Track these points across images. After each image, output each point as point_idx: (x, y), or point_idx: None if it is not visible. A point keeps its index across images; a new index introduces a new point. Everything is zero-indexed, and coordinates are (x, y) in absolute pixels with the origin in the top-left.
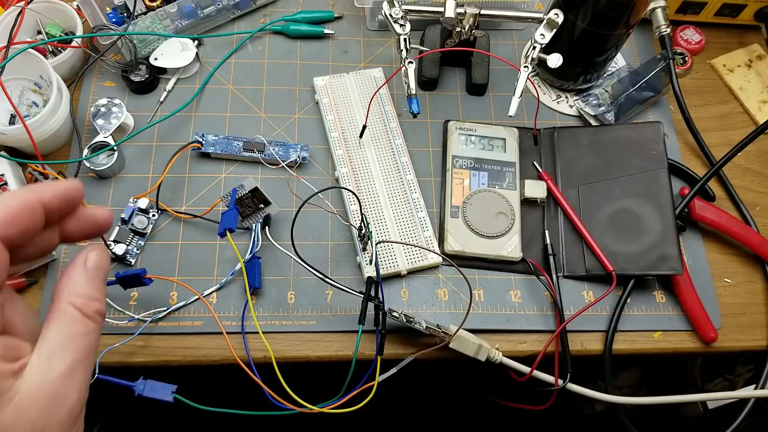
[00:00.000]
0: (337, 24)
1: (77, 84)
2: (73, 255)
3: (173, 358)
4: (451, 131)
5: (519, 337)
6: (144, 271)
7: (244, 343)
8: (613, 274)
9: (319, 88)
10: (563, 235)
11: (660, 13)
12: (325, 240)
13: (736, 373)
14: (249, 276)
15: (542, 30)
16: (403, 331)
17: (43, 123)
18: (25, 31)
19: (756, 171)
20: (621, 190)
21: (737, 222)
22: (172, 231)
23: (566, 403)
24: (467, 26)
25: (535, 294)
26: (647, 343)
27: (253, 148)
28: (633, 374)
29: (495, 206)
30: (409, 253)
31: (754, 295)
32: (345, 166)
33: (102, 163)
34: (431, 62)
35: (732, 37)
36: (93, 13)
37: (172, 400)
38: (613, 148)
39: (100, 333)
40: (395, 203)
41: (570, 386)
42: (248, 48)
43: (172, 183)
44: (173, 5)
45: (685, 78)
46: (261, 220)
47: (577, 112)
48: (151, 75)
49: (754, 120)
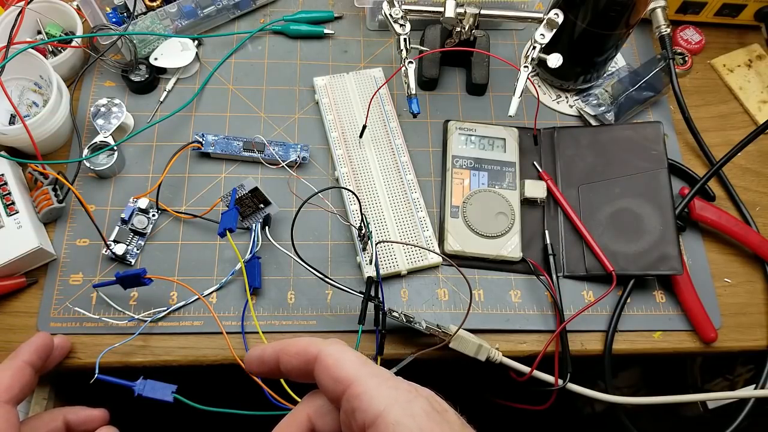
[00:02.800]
0: (337, 24)
1: (77, 84)
2: (73, 254)
3: (173, 358)
4: (451, 131)
5: (519, 337)
6: (144, 271)
7: (244, 343)
8: (613, 274)
9: (319, 88)
10: (563, 235)
11: (660, 13)
12: (325, 240)
13: (736, 373)
14: (249, 276)
15: (542, 30)
16: (403, 331)
17: (43, 123)
18: (25, 31)
19: (756, 171)
20: (621, 190)
21: (737, 222)
22: (172, 231)
23: (566, 403)
24: (467, 26)
25: (535, 294)
26: (647, 343)
27: (253, 148)
28: (633, 374)
29: (495, 206)
30: (409, 253)
31: (754, 295)
32: (345, 166)
33: (102, 163)
34: (431, 62)
35: (732, 37)
36: (93, 13)
37: (172, 400)
38: (613, 148)
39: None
40: (395, 203)
41: (570, 386)
42: (248, 48)
43: (172, 183)
44: (173, 5)
45: (685, 78)
46: (261, 220)
47: (577, 112)
48: (151, 75)
49: (754, 120)
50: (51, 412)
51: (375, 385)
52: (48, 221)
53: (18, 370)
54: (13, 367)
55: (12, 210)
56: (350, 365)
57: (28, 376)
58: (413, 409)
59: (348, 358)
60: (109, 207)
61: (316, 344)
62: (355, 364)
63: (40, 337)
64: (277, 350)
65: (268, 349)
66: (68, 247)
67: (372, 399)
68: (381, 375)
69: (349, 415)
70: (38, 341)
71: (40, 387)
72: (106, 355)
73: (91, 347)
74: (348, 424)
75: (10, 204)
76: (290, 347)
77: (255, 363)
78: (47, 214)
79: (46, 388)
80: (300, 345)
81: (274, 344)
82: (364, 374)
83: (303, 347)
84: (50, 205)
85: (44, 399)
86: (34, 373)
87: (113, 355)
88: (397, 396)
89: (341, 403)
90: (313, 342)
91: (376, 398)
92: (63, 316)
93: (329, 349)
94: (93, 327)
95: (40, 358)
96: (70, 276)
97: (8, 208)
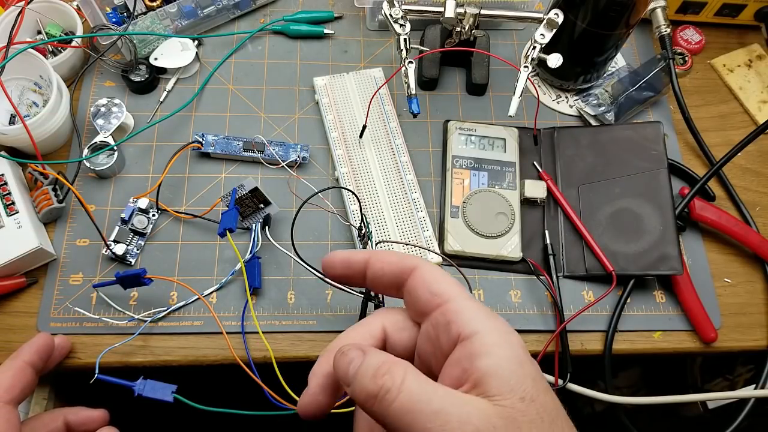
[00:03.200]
0: (337, 24)
1: (77, 84)
2: (73, 254)
3: (173, 358)
4: (451, 131)
5: None
6: (144, 271)
7: (244, 343)
8: (613, 274)
9: (319, 88)
10: (563, 235)
11: (660, 13)
12: (325, 240)
13: (736, 373)
14: (249, 276)
15: (542, 30)
16: None
17: (43, 123)
18: (25, 31)
19: (756, 171)
20: (621, 190)
21: (737, 222)
22: (172, 231)
23: (566, 403)
24: (467, 26)
25: (535, 294)
26: (647, 343)
27: (253, 148)
28: (633, 374)
29: (495, 206)
30: (409, 252)
31: (754, 295)
32: (345, 166)
33: (102, 163)
34: (431, 62)
35: (732, 37)
36: (93, 13)
37: (172, 400)
38: (613, 148)
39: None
40: (395, 203)
41: (570, 386)
42: (248, 48)
43: (172, 183)
44: (173, 5)
45: (685, 78)
46: (261, 220)
47: (577, 112)
48: (151, 75)
49: (754, 120)
50: (51, 413)
51: (474, 307)
52: (48, 221)
53: (19, 371)
54: (14, 368)
55: (12, 210)
56: (449, 284)
57: (29, 377)
58: (511, 339)
59: (447, 279)
60: (109, 207)
61: (412, 258)
62: (454, 284)
63: (40, 338)
64: (368, 255)
65: (357, 253)
66: (68, 247)
67: (472, 318)
68: (479, 303)
69: (439, 328)
70: (39, 342)
71: (40, 387)
72: (106, 355)
73: (91, 347)
74: (435, 337)
75: (10, 204)
76: (385, 255)
77: (339, 265)
78: (47, 214)
79: (46, 388)
80: (395, 255)
81: (364, 250)
82: (464, 296)
83: (399, 257)
84: (50, 205)
85: (44, 399)
86: (35, 374)
87: (113, 355)
88: (495, 324)
89: (432, 316)
90: (408, 256)
91: (475, 318)
92: (63, 316)
93: (428, 266)
94: (93, 327)
95: (41, 359)
96: (70, 276)
97: (8, 208)
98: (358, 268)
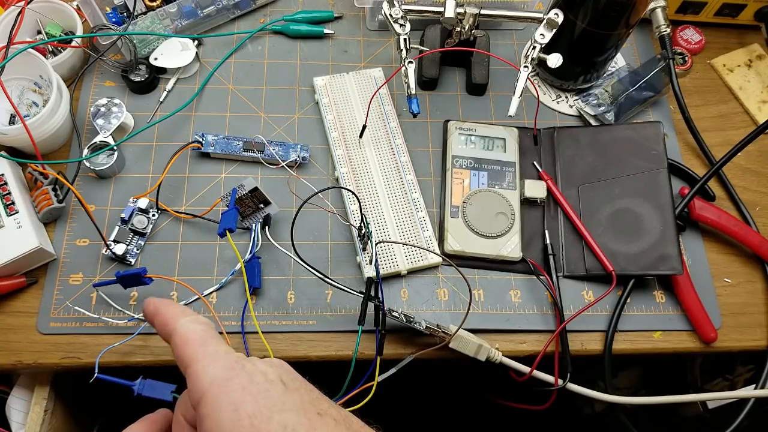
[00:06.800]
0: (337, 24)
1: (77, 84)
2: (73, 254)
3: (173, 357)
4: (451, 131)
5: (519, 337)
6: (144, 270)
7: (244, 343)
8: (612, 274)
9: (319, 88)
10: (563, 235)
11: (660, 12)
12: (325, 240)
13: (736, 373)
14: (249, 276)
15: (542, 30)
16: (403, 331)
17: (43, 123)
18: (25, 31)
19: (756, 171)
20: (621, 190)
21: (737, 222)
22: (172, 231)
23: (566, 403)
24: (467, 26)
25: (535, 294)
26: (647, 343)
27: (253, 148)
28: (633, 374)
29: (495, 206)
30: (409, 253)
31: (754, 295)
32: (345, 166)
33: (102, 163)
34: (431, 62)
35: (732, 37)
36: (93, 13)
37: (171, 400)
38: (613, 148)
39: None
40: (395, 203)
41: (570, 386)
42: (248, 48)
43: (172, 183)
44: (173, 5)
45: (685, 78)
46: (261, 220)
47: (577, 112)
48: (151, 75)
49: (754, 120)
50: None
51: (206, 364)
52: (48, 221)
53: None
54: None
55: (12, 210)
56: (191, 345)
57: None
58: (229, 387)
59: (192, 338)
60: (109, 207)
61: (174, 318)
62: (196, 343)
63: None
64: (152, 313)
65: (149, 307)
66: (68, 247)
67: (199, 378)
68: (216, 353)
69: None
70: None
71: (40, 387)
72: (105, 354)
73: (90, 347)
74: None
75: (10, 204)
76: (159, 316)
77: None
78: (47, 214)
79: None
80: (166, 316)
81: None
82: (201, 354)
83: (165, 320)
84: (50, 205)
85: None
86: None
87: (113, 354)
88: (220, 374)
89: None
90: (174, 316)
91: (202, 377)
92: (63, 315)
93: (179, 328)
94: (93, 327)
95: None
96: (70, 276)
97: (8, 208)
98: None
